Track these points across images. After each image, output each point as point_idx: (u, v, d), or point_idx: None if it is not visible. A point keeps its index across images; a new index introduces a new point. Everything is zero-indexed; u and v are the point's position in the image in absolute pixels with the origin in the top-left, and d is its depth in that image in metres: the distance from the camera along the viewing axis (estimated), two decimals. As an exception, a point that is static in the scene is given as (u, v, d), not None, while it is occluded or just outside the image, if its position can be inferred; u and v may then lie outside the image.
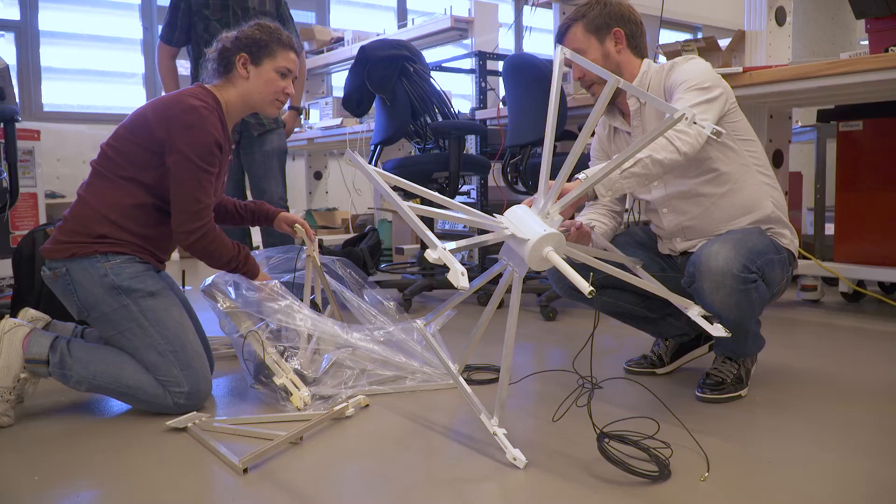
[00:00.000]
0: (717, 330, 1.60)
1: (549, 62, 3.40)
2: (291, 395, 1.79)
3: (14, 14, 4.98)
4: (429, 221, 3.42)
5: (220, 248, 1.84)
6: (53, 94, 5.16)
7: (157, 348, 1.75)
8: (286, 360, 1.89)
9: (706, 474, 1.34)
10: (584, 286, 1.26)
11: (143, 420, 1.72)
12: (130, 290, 1.76)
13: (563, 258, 1.35)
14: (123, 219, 1.79)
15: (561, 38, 1.92)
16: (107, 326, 1.77)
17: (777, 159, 3.16)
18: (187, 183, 1.77)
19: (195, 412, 1.71)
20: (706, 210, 1.85)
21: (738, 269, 1.63)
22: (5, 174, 2.56)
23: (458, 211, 1.49)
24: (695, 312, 1.67)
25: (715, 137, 1.30)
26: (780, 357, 2.24)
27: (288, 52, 1.96)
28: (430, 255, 1.29)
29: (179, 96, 1.83)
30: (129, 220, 1.80)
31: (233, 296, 1.93)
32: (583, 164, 2.50)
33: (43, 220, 3.35)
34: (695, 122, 1.27)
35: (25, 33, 5.00)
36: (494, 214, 1.47)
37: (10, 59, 4.95)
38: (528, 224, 1.39)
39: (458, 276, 1.26)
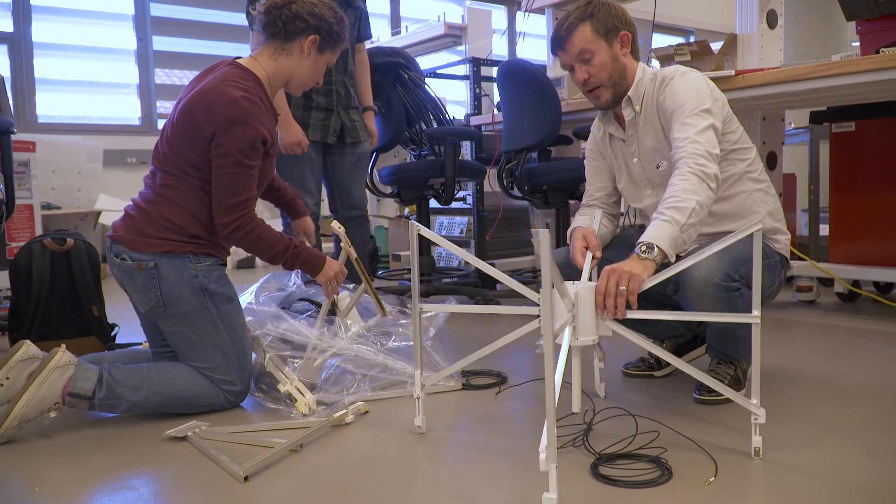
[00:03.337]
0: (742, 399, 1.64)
1: (543, 67, 3.41)
2: (296, 400, 1.80)
3: (7, 26, 4.98)
4: (427, 225, 3.42)
5: (263, 242, 1.84)
6: (48, 106, 5.16)
7: (223, 349, 1.81)
8: (289, 368, 1.90)
9: (711, 479, 1.35)
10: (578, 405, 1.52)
11: (143, 429, 1.72)
12: (214, 294, 1.81)
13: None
14: (210, 220, 1.82)
15: (565, 37, 1.82)
16: (181, 322, 1.80)
17: (771, 161, 3.18)
18: (227, 176, 1.78)
19: (195, 421, 1.72)
20: None
21: (721, 278, 1.63)
22: (1, 186, 2.56)
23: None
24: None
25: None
26: (777, 358, 2.24)
27: (342, 50, 2.00)
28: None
29: (220, 85, 1.78)
30: (212, 219, 1.82)
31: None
32: (580, 169, 2.51)
33: (39, 231, 3.34)
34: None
35: (19, 45, 5.01)
36: (574, 283, 1.54)
37: (5, 70, 4.95)
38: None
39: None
